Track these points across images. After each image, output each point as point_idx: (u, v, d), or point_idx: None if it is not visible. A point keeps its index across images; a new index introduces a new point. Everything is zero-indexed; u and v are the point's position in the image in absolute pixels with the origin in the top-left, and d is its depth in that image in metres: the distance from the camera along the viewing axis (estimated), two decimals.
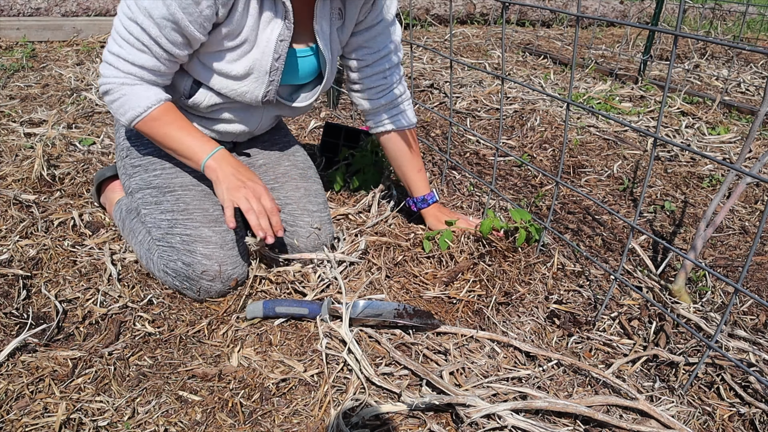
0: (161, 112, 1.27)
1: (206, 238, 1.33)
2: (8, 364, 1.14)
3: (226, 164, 1.29)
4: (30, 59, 3.32)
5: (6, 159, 2.00)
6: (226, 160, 1.30)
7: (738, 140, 2.56)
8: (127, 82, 1.24)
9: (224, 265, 1.33)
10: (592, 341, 1.29)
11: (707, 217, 1.35)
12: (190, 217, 1.35)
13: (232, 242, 1.36)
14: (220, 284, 1.33)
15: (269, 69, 1.31)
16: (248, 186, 1.27)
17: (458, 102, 2.91)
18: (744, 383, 1.18)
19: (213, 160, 1.28)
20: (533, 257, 1.53)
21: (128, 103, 1.25)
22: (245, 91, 1.33)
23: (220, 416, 1.06)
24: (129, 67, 1.22)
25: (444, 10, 4.94)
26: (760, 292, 1.51)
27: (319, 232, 1.51)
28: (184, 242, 1.33)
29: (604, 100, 3.02)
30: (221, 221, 1.37)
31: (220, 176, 1.28)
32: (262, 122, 1.50)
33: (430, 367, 1.18)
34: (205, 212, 1.36)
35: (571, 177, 2.15)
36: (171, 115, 1.28)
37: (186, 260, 1.31)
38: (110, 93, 1.25)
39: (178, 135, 1.28)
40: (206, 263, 1.31)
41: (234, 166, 1.30)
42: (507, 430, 1.02)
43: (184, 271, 1.31)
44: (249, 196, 1.26)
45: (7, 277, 1.38)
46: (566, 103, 1.33)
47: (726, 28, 5.52)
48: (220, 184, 1.27)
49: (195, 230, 1.33)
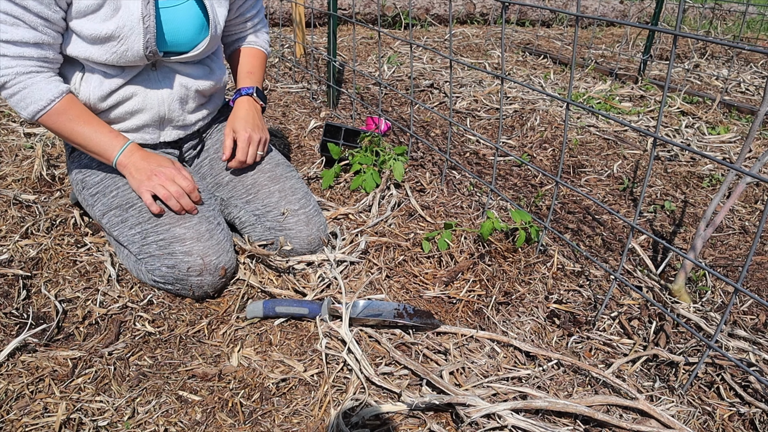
0: (65, 105, 1.26)
1: (180, 236, 1.31)
2: (8, 364, 1.14)
3: (136, 157, 1.31)
4: None
5: (6, 159, 2.00)
6: (137, 153, 1.32)
7: (738, 140, 2.56)
8: (21, 71, 1.21)
9: (207, 257, 1.31)
10: (592, 341, 1.29)
11: (707, 217, 1.35)
12: (159, 222, 1.33)
13: (207, 233, 1.34)
14: (210, 276, 1.31)
15: (141, 14, 1.25)
16: (160, 172, 1.30)
17: (458, 102, 2.91)
18: (744, 383, 1.18)
19: (123, 156, 1.31)
20: (533, 257, 1.53)
21: (30, 96, 1.23)
22: (125, 49, 1.27)
23: (220, 416, 1.06)
24: (14, 48, 1.19)
25: (444, 10, 4.94)
26: (760, 292, 1.51)
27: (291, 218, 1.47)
28: (161, 248, 1.31)
29: (604, 100, 3.02)
30: (189, 216, 1.35)
31: (131, 170, 1.31)
32: (167, 101, 1.42)
33: (430, 367, 1.18)
34: (170, 213, 1.34)
35: (571, 177, 2.15)
36: (75, 109, 1.28)
37: (169, 263, 1.30)
38: (8, 86, 1.22)
39: (85, 131, 1.29)
40: (188, 259, 1.29)
41: (143, 157, 1.32)
42: (507, 430, 1.02)
43: (170, 274, 1.31)
44: (163, 182, 1.30)
45: (7, 277, 1.38)
46: (566, 102, 1.33)
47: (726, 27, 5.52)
48: (133, 178, 1.31)
49: (167, 232, 1.31)
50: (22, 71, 1.21)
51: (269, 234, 1.47)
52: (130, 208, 1.35)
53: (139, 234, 1.34)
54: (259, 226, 1.49)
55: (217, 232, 1.36)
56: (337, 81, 2.79)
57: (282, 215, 1.46)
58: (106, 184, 1.40)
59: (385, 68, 3.36)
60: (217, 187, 1.55)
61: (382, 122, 2.35)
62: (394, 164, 1.86)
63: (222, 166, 1.56)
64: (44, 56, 1.23)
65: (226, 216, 1.56)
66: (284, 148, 2.24)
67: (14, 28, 1.18)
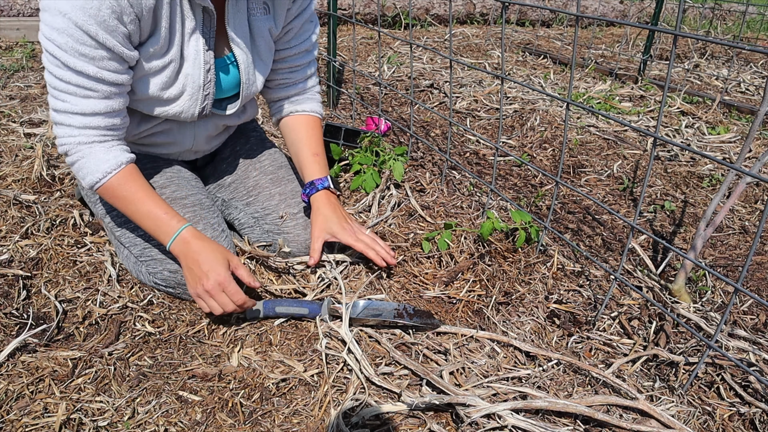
0: (123, 178, 1.19)
1: None
2: (8, 364, 1.14)
3: (190, 249, 1.20)
4: (30, 59, 3.32)
5: (6, 159, 2.00)
6: (191, 243, 1.21)
7: (738, 140, 2.56)
8: (83, 141, 1.15)
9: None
10: (592, 341, 1.29)
11: (707, 217, 1.35)
12: None
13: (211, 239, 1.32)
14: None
15: (202, 83, 1.24)
16: (212, 280, 1.18)
17: (458, 102, 2.91)
18: (744, 383, 1.18)
19: (176, 245, 1.21)
20: (533, 257, 1.53)
21: (87, 166, 1.16)
22: (179, 111, 1.26)
23: (220, 416, 1.06)
24: (81, 119, 1.13)
25: (444, 10, 4.94)
26: (760, 292, 1.51)
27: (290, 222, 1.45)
28: (164, 252, 1.30)
29: (604, 100, 3.02)
30: (194, 221, 1.33)
31: (183, 261, 1.21)
32: (197, 139, 1.43)
33: (430, 367, 1.18)
34: None
35: (571, 177, 2.15)
36: (133, 184, 1.20)
37: (171, 268, 1.30)
38: (69, 154, 1.17)
39: (140, 210, 1.20)
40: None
41: (197, 250, 1.20)
42: (507, 430, 1.02)
43: (172, 278, 1.30)
44: (212, 290, 1.18)
45: (7, 277, 1.38)
46: (566, 102, 1.33)
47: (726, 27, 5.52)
48: (185, 277, 1.23)
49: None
50: (84, 141, 1.15)
51: (267, 237, 1.47)
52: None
53: (143, 236, 1.33)
54: (257, 228, 1.48)
55: (221, 239, 1.35)
56: (337, 81, 2.79)
57: (280, 218, 1.46)
58: None
59: (385, 68, 3.36)
60: (219, 188, 1.55)
61: (382, 122, 2.35)
62: (394, 164, 1.86)
63: (225, 168, 1.56)
64: (112, 124, 1.17)
65: (226, 217, 1.56)
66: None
67: (85, 100, 1.11)
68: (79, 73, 1.08)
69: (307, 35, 1.44)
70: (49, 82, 1.10)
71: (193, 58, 1.20)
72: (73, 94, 1.10)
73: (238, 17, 1.24)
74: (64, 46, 1.04)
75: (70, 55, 1.05)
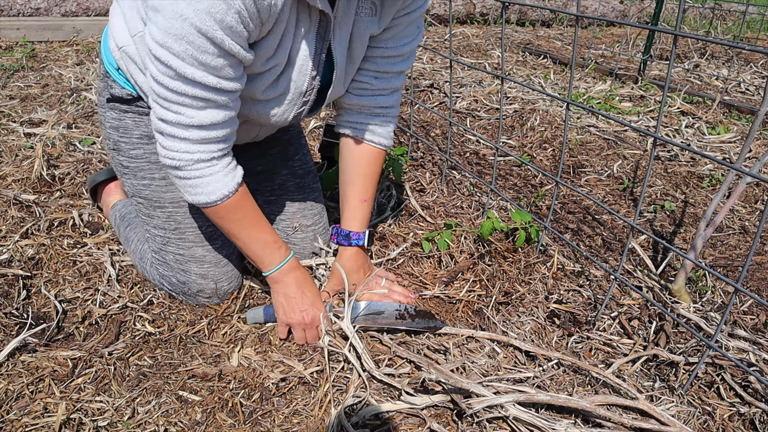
0: (236, 202, 1.11)
1: (200, 257, 1.28)
2: (8, 364, 1.14)
3: (291, 279, 1.20)
4: (30, 59, 3.32)
5: (6, 159, 2.00)
6: (292, 274, 1.20)
7: (738, 140, 2.56)
8: (203, 158, 1.03)
9: (220, 282, 1.31)
10: (592, 341, 1.29)
11: (707, 217, 1.35)
12: (182, 237, 1.28)
13: (226, 258, 1.32)
14: (217, 299, 1.34)
15: (305, 89, 1.13)
16: (308, 314, 1.20)
17: (458, 102, 2.91)
18: (744, 383, 1.18)
19: (278, 274, 1.19)
20: (533, 257, 1.53)
21: (204, 186, 1.06)
22: (274, 114, 1.16)
23: (220, 416, 1.06)
24: (198, 133, 1.00)
25: (444, 10, 4.94)
26: (760, 292, 1.51)
27: (300, 234, 1.45)
28: (177, 261, 1.29)
29: (604, 100, 3.02)
30: (214, 237, 1.29)
31: (281, 292, 1.21)
32: (261, 133, 1.34)
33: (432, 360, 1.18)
34: (197, 230, 1.28)
35: (571, 177, 2.15)
36: (244, 209, 1.13)
37: (181, 279, 1.29)
38: (182, 169, 1.04)
39: (250, 234, 1.15)
40: (201, 282, 1.29)
41: (298, 283, 1.21)
42: (509, 421, 1.02)
43: (180, 287, 1.31)
44: (307, 325, 1.21)
45: (7, 277, 1.38)
46: (566, 102, 1.33)
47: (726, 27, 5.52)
48: (280, 300, 1.22)
49: (188, 250, 1.28)
50: (203, 158, 1.03)
51: None
52: (158, 209, 1.27)
53: (161, 238, 1.30)
54: None
55: (234, 257, 1.35)
56: None
57: (293, 228, 1.44)
58: (140, 165, 1.26)
59: None
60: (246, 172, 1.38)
61: None
62: (393, 164, 1.86)
63: (259, 153, 1.44)
64: (229, 133, 1.06)
65: None
66: None
67: (202, 112, 0.99)
68: (196, 84, 0.95)
69: (408, 39, 1.23)
70: (159, 92, 0.97)
71: (300, 64, 1.09)
72: (188, 106, 0.98)
73: (345, 20, 1.10)
74: (182, 54, 0.91)
75: (188, 65, 0.92)
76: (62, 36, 3.81)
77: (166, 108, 0.98)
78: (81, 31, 3.86)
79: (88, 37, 3.87)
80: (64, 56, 3.42)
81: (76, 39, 3.82)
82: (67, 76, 2.97)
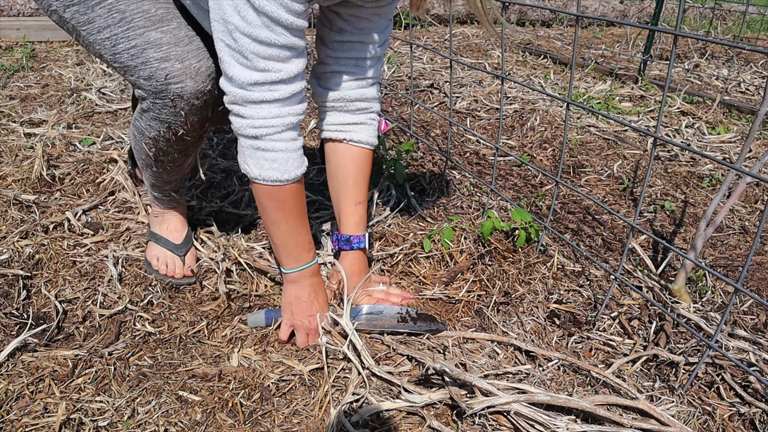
0: (298, 189, 1.11)
1: (156, 41, 1.11)
2: (8, 364, 1.14)
3: (307, 284, 1.20)
4: (30, 59, 3.32)
5: (6, 159, 2.00)
6: (310, 279, 1.21)
7: (738, 140, 2.56)
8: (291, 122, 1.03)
9: (186, 60, 1.12)
10: (592, 341, 1.29)
11: (707, 217, 1.35)
12: (130, 25, 1.10)
13: (186, 38, 1.14)
14: (191, 81, 1.12)
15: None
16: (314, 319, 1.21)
17: (458, 102, 2.91)
18: (744, 383, 1.18)
19: (298, 275, 1.19)
20: (533, 257, 1.53)
21: (281, 161, 1.05)
22: None
23: (220, 416, 1.06)
24: (286, 88, 0.99)
25: (444, 10, 4.94)
26: (760, 292, 1.51)
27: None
28: (134, 57, 1.11)
29: (604, 100, 3.02)
30: (167, 19, 1.13)
31: (293, 293, 1.20)
32: None
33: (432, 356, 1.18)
34: (146, 14, 1.11)
35: (571, 177, 2.15)
36: (298, 198, 1.13)
37: (144, 74, 1.11)
38: (266, 138, 1.03)
39: (291, 225, 1.14)
40: (165, 66, 1.10)
41: (314, 288, 1.21)
42: (510, 416, 1.02)
43: (149, 88, 1.12)
44: (311, 329, 1.22)
45: (7, 277, 1.38)
46: (566, 102, 1.33)
47: (726, 27, 5.52)
48: (290, 300, 1.22)
49: (140, 37, 1.10)
50: (291, 122, 1.03)
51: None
52: (97, 6, 1.10)
53: (109, 42, 1.12)
54: None
55: (197, 39, 1.16)
56: None
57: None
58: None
59: (385, 68, 3.36)
60: None
61: (382, 122, 2.35)
62: (396, 164, 1.87)
63: None
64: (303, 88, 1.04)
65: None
66: None
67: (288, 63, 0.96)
68: (289, 30, 0.93)
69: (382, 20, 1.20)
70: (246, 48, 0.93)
71: None
72: (276, 59, 0.95)
73: None
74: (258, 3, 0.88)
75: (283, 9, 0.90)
76: (62, 36, 3.81)
77: (252, 68, 0.96)
78: None
79: None
80: (64, 56, 3.42)
81: None
82: (67, 76, 2.98)
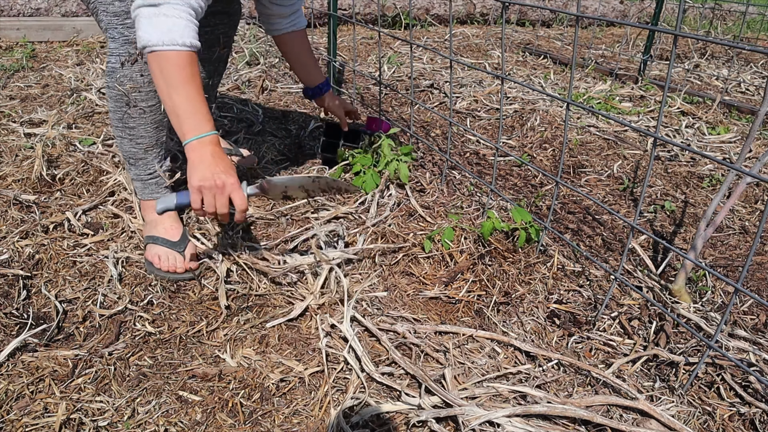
0: (191, 59, 1.17)
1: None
2: (8, 364, 1.14)
3: (207, 150, 1.20)
4: (30, 59, 3.32)
5: (6, 159, 2.00)
6: (210, 147, 1.20)
7: (738, 140, 2.56)
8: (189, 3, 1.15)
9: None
10: (592, 341, 1.29)
11: (707, 217, 1.35)
12: None
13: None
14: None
15: None
16: (220, 179, 1.18)
17: (458, 102, 2.91)
18: (744, 383, 1.18)
19: (198, 143, 1.19)
20: (533, 257, 1.53)
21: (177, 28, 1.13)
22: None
23: (220, 416, 1.06)
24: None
25: (444, 10, 4.94)
26: (760, 292, 1.51)
27: None
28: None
29: (604, 100, 3.02)
30: None
31: (196, 159, 1.19)
32: None
33: (431, 366, 1.18)
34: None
35: (571, 177, 2.15)
36: (191, 69, 1.18)
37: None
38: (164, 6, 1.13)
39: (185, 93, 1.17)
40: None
41: (213, 153, 1.20)
42: None
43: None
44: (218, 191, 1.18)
45: (7, 277, 1.38)
46: (566, 103, 1.33)
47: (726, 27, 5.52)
48: (194, 166, 1.19)
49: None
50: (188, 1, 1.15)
51: None
52: None
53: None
54: None
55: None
56: (338, 81, 2.79)
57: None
58: None
59: (385, 68, 3.36)
60: None
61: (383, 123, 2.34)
62: (399, 165, 1.87)
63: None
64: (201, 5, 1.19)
65: None
66: (284, 148, 2.24)
67: None
68: None
69: None
70: None
71: None
72: None
73: None
74: None
75: None
76: (62, 36, 3.81)
77: None
78: (81, 31, 3.86)
79: (88, 37, 3.87)
80: (64, 56, 3.42)
81: (77, 39, 3.82)
82: (67, 77, 2.97)
